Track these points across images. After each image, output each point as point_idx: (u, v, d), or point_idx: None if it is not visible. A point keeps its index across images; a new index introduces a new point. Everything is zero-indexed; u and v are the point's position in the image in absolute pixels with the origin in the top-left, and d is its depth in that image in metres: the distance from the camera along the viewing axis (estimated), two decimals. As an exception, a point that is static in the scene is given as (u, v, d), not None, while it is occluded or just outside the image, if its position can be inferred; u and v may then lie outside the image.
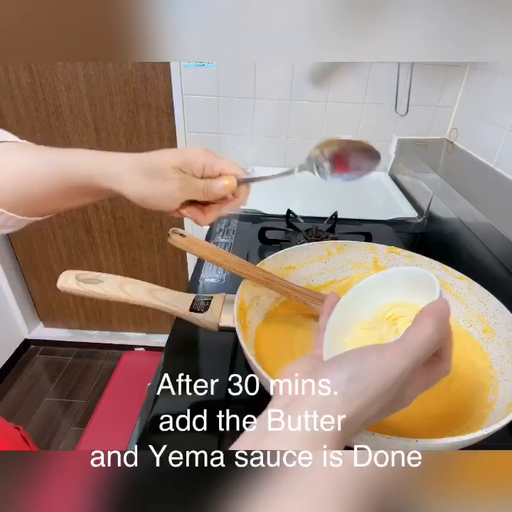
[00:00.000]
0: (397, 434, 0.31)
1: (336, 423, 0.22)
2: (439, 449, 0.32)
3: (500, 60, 0.80)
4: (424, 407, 0.42)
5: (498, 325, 0.47)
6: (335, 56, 0.29)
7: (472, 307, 0.51)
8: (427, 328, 0.25)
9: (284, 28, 0.28)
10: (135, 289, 0.48)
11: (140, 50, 0.28)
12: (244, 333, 0.43)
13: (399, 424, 0.39)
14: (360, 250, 0.59)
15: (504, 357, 0.45)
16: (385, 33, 0.28)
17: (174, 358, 0.54)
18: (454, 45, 0.28)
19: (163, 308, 0.48)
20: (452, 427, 0.39)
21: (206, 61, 1.10)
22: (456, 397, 0.43)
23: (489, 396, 0.42)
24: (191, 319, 0.49)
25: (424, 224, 0.98)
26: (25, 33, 0.26)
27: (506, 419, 0.33)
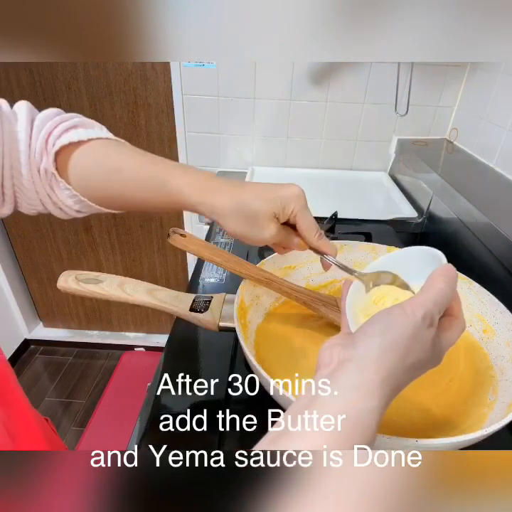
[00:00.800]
0: (397, 434, 0.31)
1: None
2: (439, 449, 0.32)
3: (500, 60, 0.80)
4: (424, 407, 0.42)
5: (498, 325, 0.47)
6: (335, 56, 0.29)
7: (472, 307, 0.51)
8: (439, 284, 0.29)
9: (284, 28, 0.28)
10: (135, 288, 0.48)
11: (140, 50, 0.28)
12: (244, 333, 0.43)
13: (399, 424, 0.39)
14: (360, 250, 0.59)
15: (504, 357, 0.45)
16: (385, 33, 0.28)
17: (174, 358, 0.54)
18: (454, 45, 0.28)
19: (163, 308, 0.48)
20: (452, 427, 0.39)
21: (206, 61, 1.10)
22: (456, 397, 0.43)
23: (489, 396, 0.42)
24: (191, 319, 0.49)
25: (424, 224, 0.98)
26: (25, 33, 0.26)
27: (506, 419, 0.33)
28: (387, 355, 0.25)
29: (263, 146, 1.24)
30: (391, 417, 0.40)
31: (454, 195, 0.81)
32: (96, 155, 0.40)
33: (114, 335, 1.82)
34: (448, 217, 0.87)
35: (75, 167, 0.39)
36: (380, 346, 0.26)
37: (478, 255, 0.73)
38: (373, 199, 1.10)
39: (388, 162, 1.25)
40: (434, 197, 0.95)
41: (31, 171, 0.38)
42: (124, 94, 1.26)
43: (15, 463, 0.19)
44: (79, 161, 0.39)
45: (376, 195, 1.12)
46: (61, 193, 0.40)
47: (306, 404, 0.23)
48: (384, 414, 0.25)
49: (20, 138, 0.37)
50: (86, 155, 0.39)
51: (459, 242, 0.81)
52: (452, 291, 0.30)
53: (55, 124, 0.39)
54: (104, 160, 0.40)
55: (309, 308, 0.50)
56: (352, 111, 1.17)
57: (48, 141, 0.38)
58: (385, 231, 0.90)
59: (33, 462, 0.19)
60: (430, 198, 0.96)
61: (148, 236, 1.56)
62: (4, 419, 0.32)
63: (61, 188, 0.39)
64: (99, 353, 1.80)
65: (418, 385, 0.44)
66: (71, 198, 0.40)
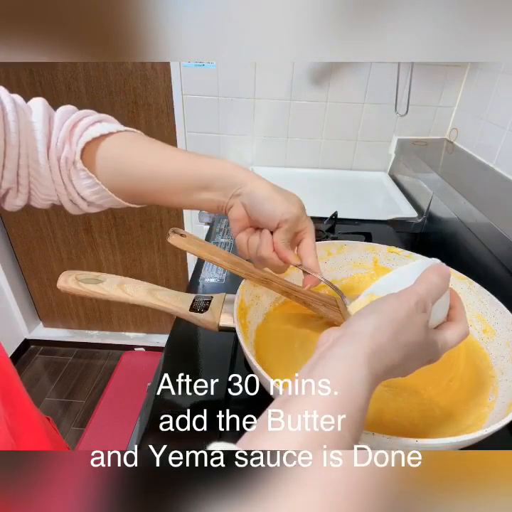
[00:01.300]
0: (397, 434, 0.31)
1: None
2: (439, 449, 0.32)
3: (500, 60, 0.80)
4: (424, 407, 0.42)
5: (498, 325, 0.47)
6: (335, 56, 0.29)
7: (472, 307, 0.51)
8: (432, 277, 0.31)
9: (284, 28, 0.28)
10: (135, 288, 0.48)
11: (140, 50, 0.28)
12: (244, 333, 0.43)
13: (399, 424, 0.39)
14: (360, 250, 0.59)
15: (504, 357, 0.45)
16: (385, 32, 0.28)
17: (174, 358, 0.55)
18: (454, 45, 0.28)
19: (163, 308, 0.48)
20: (452, 427, 0.39)
21: (206, 61, 1.10)
22: (456, 397, 0.43)
23: (489, 396, 0.42)
24: (191, 319, 0.49)
25: (424, 224, 0.98)
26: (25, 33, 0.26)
27: (506, 419, 0.33)
28: (380, 331, 0.27)
29: (263, 146, 1.24)
30: (391, 417, 0.40)
31: (454, 195, 0.81)
32: (123, 148, 0.41)
33: (114, 335, 1.82)
34: (448, 217, 0.87)
35: (101, 158, 0.40)
36: (374, 324, 0.27)
37: (479, 255, 0.73)
38: (373, 199, 1.10)
39: (388, 162, 1.25)
40: (434, 197, 0.95)
41: (50, 160, 0.39)
42: (124, 94, 1.26)
43: (15, 463, 0.19)
44: (106, 152, 0.40)
45: (376, 195, 1.12)
46: (79, 183, 0.41)
47: (306, 373, 0.25)
48: (375, 390, 0.26)
49: (36, 128, 0.38)
50: (113, 147, 0.41)
51: (459, 242, 0.81)
52: (445, 284, 0.31)
53: (80, 116, 0.41)
54: (131, 154, 0.41)
55: (309, 308, 0.50)
56: (352, 111, 1.17)
57: (74, 132, 0.40)
58: (385, 231, 0.90)
59: (33, 462, 0.19)
60: (430, 198, 0.96)
61: (148, 236, 1.56)
62: (6, 418, 0.32)
63: (81, 178, 0.40)
64: (99, 353, 1.80)
65: (418, 385, 0.44)
66: (90, 188, 0.41)
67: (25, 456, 0.20)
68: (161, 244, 1.58)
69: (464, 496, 0.20)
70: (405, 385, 0.44)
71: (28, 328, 1.76)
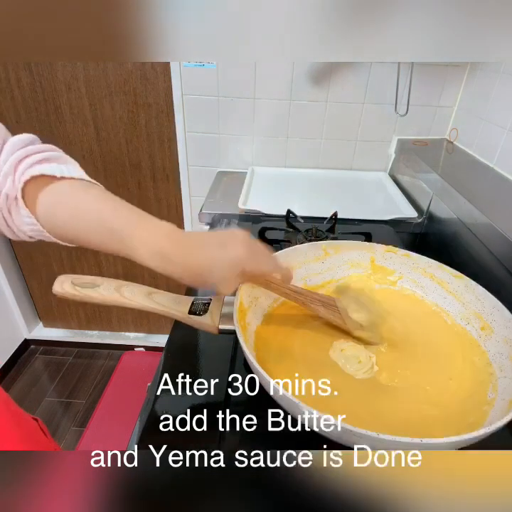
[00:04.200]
0: (397, 434, 0.31)
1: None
2: (439, 449, 0.32)
3: (500, 60, 0.80)
4: (424, 406, 0.42)
5: (496, 322, 0.47)
6: (335, 56, 0.29)
7: (469, 305, 0.51)
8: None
9: (284, 28, 0.28)
10: (133, 292, 0.47)
11: (140, 50, 0.28)
12: (244, 335, 0.43)
13: (399, 424, 0.39)
14: (357, 250, 0.59)
15: (502, 354, 0.45)
16: (385, 33, 0.28)
17: (174, 358, 0.54)
18: (454, 45, 0.28)
19: (162, 312, 0.47)
20: (453, 425, 0.39)
21: (206, 61, 1.10)
22: (456, 396, 0.43)
23: (489, 393, 0.42)
24: (191, 323, 0.48)
25: (424, 224, 0.98)
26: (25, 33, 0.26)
27: (508, 416, 0.33)
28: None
29: (263, 146, 1.24)
30: (391, 417, 0.40)
31: (454, 195, 0.81)
32: (64, 196, 0.40)
33: (114, 335, 1.82)
34: (448, 217, 0.87)
35: (41, 201, 0.39)
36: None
37: (478, 255, 0.73)
38: (373, 199, 1.10)
39: (388, 162, 1.25)
40: (434, 197, 0.95)
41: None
42: (124, 94, 1.26)
43: (15, 463, 0.19)
44: (47, 196, 0.39)
45: (376, 195, 1.12)
46: (19, 219, 0.40)
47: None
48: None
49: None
50: (55, 193, 0.39)
51: (459, 242, 0.81)
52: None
53: (28, 153, 0.39)
54: (70, 202, 0.40)
55: (308, 308, 0.50)
56: (352, 111, 1.17)
57: (18, 168, 0.38)
58: (385, 231, 0.90)
59: (34, 462, 0.19)
60: (430, 198, 0.96)
61: (148, 236, 1.56)
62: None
63: (21, 215, 0.39)
64: (99, 353, 1.79)
65: (418, 384, 0.44)
66: (29, 226, 0.40)
67: (26, 456, 0.20)
68: (161, 244, 1.58)
69: (464, 495, 0.20)
70: (405, 384, 0.44)
71: (28, 328, 1.76)
